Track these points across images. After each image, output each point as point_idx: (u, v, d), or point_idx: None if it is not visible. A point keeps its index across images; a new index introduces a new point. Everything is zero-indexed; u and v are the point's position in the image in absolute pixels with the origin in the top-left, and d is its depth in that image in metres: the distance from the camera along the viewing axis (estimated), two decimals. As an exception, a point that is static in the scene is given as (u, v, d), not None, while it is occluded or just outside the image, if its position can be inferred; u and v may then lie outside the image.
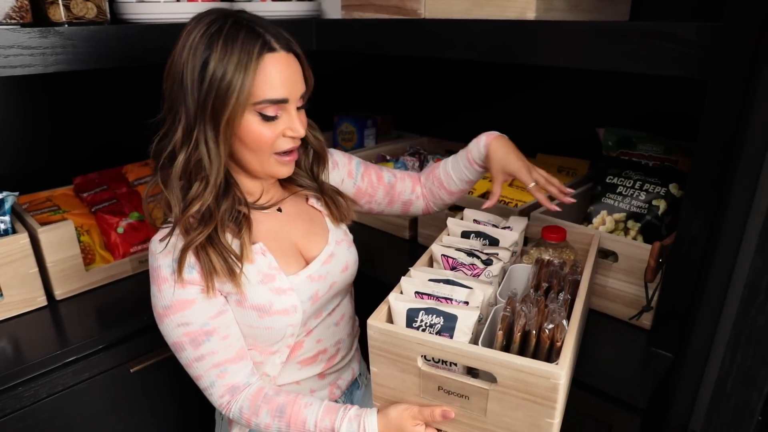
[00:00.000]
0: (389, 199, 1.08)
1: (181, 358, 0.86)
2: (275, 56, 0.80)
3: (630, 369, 0.96)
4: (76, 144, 1.53)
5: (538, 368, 0.67)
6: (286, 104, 0.82)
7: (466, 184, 1.05)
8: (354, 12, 1.34)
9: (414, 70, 1.81)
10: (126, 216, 1.31)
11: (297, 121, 0.84)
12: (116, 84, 1.57)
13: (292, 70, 0.82)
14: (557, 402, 0.68)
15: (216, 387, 0.86)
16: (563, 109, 1.49)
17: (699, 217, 0.88)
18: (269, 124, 0.82)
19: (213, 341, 0.84)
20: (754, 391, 0.60)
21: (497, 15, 1.05)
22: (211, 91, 0.77)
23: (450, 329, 0.75)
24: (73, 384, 1.06)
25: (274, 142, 0.83)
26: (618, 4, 1.19)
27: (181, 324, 0.83)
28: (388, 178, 1.08)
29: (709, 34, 0.80)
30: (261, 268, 0.88)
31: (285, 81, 0.81)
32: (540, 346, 0.74)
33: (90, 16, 1.13)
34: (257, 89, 0.79)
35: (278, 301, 0.87)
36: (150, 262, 0.85)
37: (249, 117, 0.81)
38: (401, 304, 0.78)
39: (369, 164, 1.08)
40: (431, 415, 0.77)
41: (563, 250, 0.97)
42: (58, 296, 1.18)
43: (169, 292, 0.82)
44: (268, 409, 0.84)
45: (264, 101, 0.80)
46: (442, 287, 0.82)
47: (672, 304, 0.95)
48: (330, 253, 0.96)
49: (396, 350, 0.76)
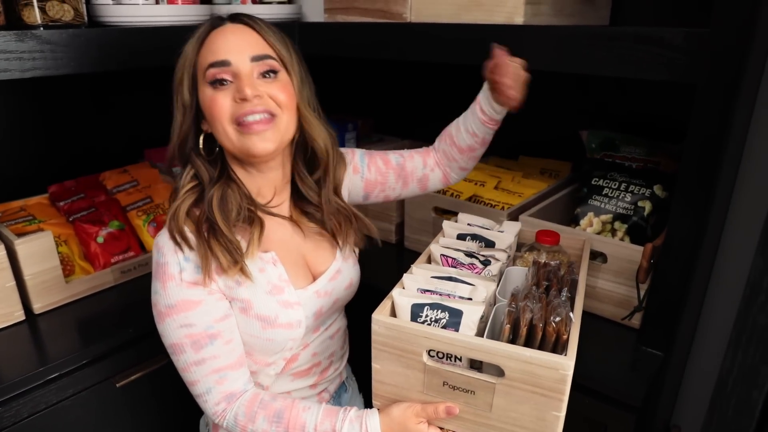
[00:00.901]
0: (402, 181, 1.05)
1: (178, 361, 0.83)
2: (221, 28, 0.83)
3: (622, 368, 0.98)
4: (50, 151, 1.48)
5: (548, 359, 0.68)
6: (230, 67, 0.80)
7: (471, 136, 1.00)
8: (337, 15, 1.33)
9: (394, 73, 1.81)
10: (105, 225, 1.27)
11: (244, 81, 0.80)
12: (91, 89, 1.53)
13: (237, 36, 0.82)
14: (564, 394, 0.69)
15: (212, 394, 0.83)
16: (544, 112, 1.51)
17: (688, 218, 0.90)
18: (219, 91, 0.81)
19: (216, 345, 0.82)
20: (754, 389, 0.61)
21: (485, 19, 1.06)
22: (175, 71, 0.84)
23: (456, 324, 0.75)
24: (56, 402, 1.02)
25: (226, 110, 0.80)
26: (599, 9, 1.21)
27: (184, 325, 0.80)
28: (396, 160, 1.05)
29: (697, 40, 0.82)
30: (271, 278, 0.86)
31: (227, 45, 0.81)
32: (546, 339, 0.74)
33: (67, 19, 1.09)
34: (202, 58, 0.82)
35: (284, 315, 0.86)
36: (156, 258, 0.82)
37: (203, 89, 0.82)
38: (405, 300, 0.77)
39: (373, 152, 1.05)
40: (435, 412, 0.76)
41: (556, 254, 0.98)
42: (37, 310, 1.14)
43: (175, 290, 0.80)
44: (266, 414, 0.82)
45: (207, 66, 0.81)
46: (444, 284, 0.81)
47: (662, 303, 0.97)
48: (337, 270, 0.95)
49: (401, 345, 0.75)
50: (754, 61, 0.94)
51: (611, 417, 0.94)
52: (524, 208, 1.24)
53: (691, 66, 0.83)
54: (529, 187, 1.34)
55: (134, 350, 1.10)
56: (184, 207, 0.83)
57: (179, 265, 0.80)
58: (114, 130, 1.60)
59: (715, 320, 1.33)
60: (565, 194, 1.31)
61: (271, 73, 0.83)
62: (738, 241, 1.24)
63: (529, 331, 0.74)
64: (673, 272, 0.94)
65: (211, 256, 0.80)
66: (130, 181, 1.43)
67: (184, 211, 0.82)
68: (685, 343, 1.26)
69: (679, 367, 1.34)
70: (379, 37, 1.22)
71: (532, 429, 0.73)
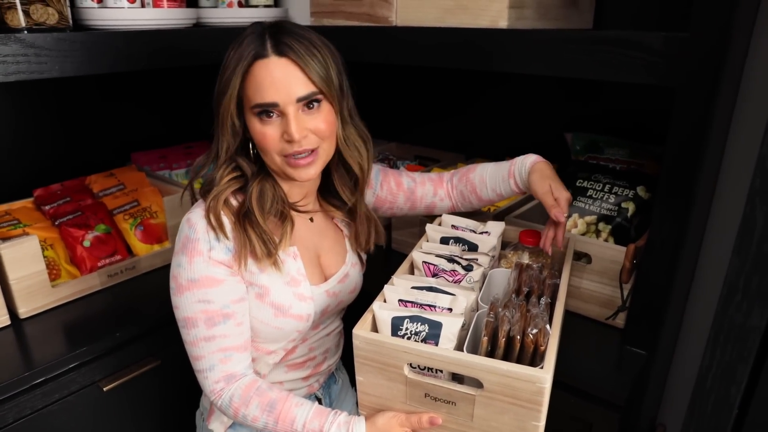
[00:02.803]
0: (410, 204, 1.11)
1: (188, 335, 0.86)
2: (265, 62, 0.82)
3: (606, 368, 0.99)
4: (35, 155, 1.47)
5: (524, 373, 0.69)
6: (278, 107, 0.82)
7: (497, 196, 1.06)
8: (323, 19, 1.33)
9: (381, 76, 1.82)
10: (92, 228, 1.27)
11: (292, 125, 0.82)
12: (77, 92, 1.52)
13: (282, 74, 0.82)
14: (543, 405, 0.70)
15: (215, 371, 0.86)
16: (530, 115, 1.52)
17: (669, 219, 0.91)
18: (267, 126, 0.84)
19: (228, 325, 0.85)
20: (732, 385, 0.62)
21: (470, 23, 1.07)
22: (218, 88, 0.86)
23: (435, 336, 0.76)
24: (42, 407, 1.02)
25: (276, 144, 0.84)
26: (582, 13, 1.23)
27: (202, 300, 0.83)
28: (408, 184, 1.10)
29: (676, 44, 0.83)
30: (290, 270, 0.91)
31: (274, 87, 0.81)
32: (524, 350, 0.75)
33: (51, 23, 1.09)
34: (249, 93, 0.83)
35: (297, 306, 0.90)
36: (186, 233, 0.84)
37: (251, 119, 0.85)
38: (386, 313, 0.78)
39: (388, 170, 1.10)
40: (418, 422, 0.78)
41: (540, 254, 0.99)
42: (23, 315, 1.13)
43: (201, 266, 0.83)
44: (260, 401, 0.85)
45: (255, 105, 0.83)
46: (425, 294, 0.82)
47: (645, 303, 0.98)
48: (345, 273, 1.00)
49: (382, 359, 0.76)
50: (732, 64, 0.96)
51: (596, 416, 0.96)
52: (510, 209, 1.25)
53: (670, 69, 0.84)
54: (515, 188, 1.35)
55: (121, 354, 1.10)
56: (226, 193, 0.86)
57: (209, 243, 0.83)
58: (100, 134, 1.59)
59: (698, 319, 1.35)
60: (551, 196, 1.33)
61: (314, 103, 0.85)
62: (720, 242, 1.26)
63: (508, 342, 0.75)
64: (656, 272, 0.95)
65: (248, 244, 0.84)
66: (116, 184, 1.42)
67: (225, 198, 0.86)
68: (669, 343, 1.28)
69: (664, 366, 1.36)
70: (364, 41, 1.22)
71: None
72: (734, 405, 0.64)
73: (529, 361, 0.75)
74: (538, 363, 0.73)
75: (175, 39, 1.24)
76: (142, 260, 1.32)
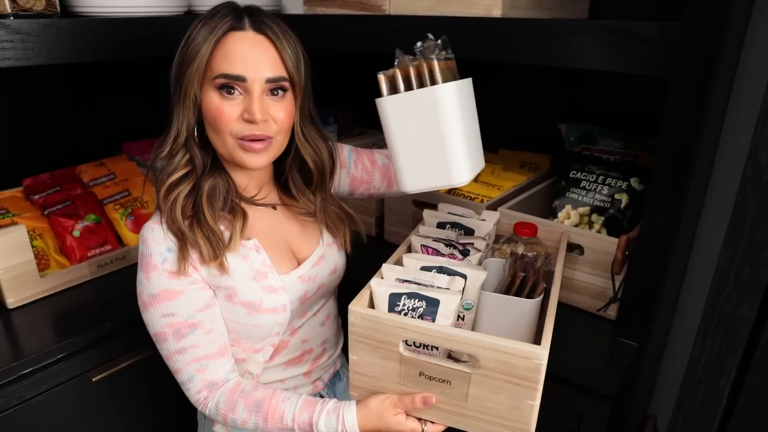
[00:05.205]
0: (387, 182, 1.08)
1: (162, 350, 0.85)
2: (240, 34, 0.80)
3: (598, 359, 0.99)
4: (25, 144, 1.45)
5: (522, 349, 0.69)
6: (244, 83, 0.80)
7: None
8: (317, 7, 1.32)
9: (375, 66, 1.80)
10: (82, 218, 1.26)
11: (256, 104, 0.79)
12: (67, 80, 1.50)
13: (257, 51, 0.80)
14: (539, 383, 0.70)
15: (194, 382, 0.84)
16: (524, 105, 1.51)
17: (662, 210, 0.91)
18: (227, 103, 0.81)
19: (197, 334, 0.83)
20: (722, 377, 0.62)
21: (463, 12, 1.05)
22: (181, 58, 0.81)
23: (432, 313, 0.76)
24: (30, 397, 1.01)
25: (231, 123, 0.81)
26: (578, 2, 1.22)
27: (166, 314, 0.82)
28: (382, 161, 1.07)
29: (672, 34, 0.82)
30: (254, 264, 0.87)
31: (245, 60, 0.79)
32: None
33: (38, 9, 1.07)
34: (215, 62, 0.80)
35: (269, 299, 0.87)
36: (141, 249, 0.83)
37: (210, 92, 0.81)
38: (383, 289, 0.78)
39: (361, 150, 1.07)
40: (411, 403, 0.77)
41: (534, 246, 0.98)
42: (11, 305, 1.12)
43: (157, 280, 0.81)
44: (245, 403, 0.83)
45: (219, 75, 0.79)
46: (423, 274, 0.82)
47: (637, 294, 0.98)
48: (321, 255, 0.97)
49: (378, 336, 0.76)
50: (727, 55, 0.95)
51: (587, 407, 0.96)
52: (503, 200, 1.24)
53: (664, 60, 0.83)
54: (508, 179, 1.35)
55: (110, 344, 1.09)
56: (182, 196, 0.83)
57: (162, 255, 0.81)
58: (91, 123, 1.57)
59: (691, 311, 1.35)
60: (544, 187, 1.32)
61: (279, 90, 0.83)
62: (713, 234, 1.26)
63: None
64: (648, 264, 0.95)
65: (192, 246, 0.81)
66: (107, 174, 1.41)
67: (182, 200, 0.83)
68: (661, 334, 1.28)
69: (656, 357, 1.36)
70: (358, 30, 1.21)
71: (508, 418, 0.73)
72: (723, 396, 0.64)
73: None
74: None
75: (166, 26, 1.22)
76: (132, 250, 1.31)
